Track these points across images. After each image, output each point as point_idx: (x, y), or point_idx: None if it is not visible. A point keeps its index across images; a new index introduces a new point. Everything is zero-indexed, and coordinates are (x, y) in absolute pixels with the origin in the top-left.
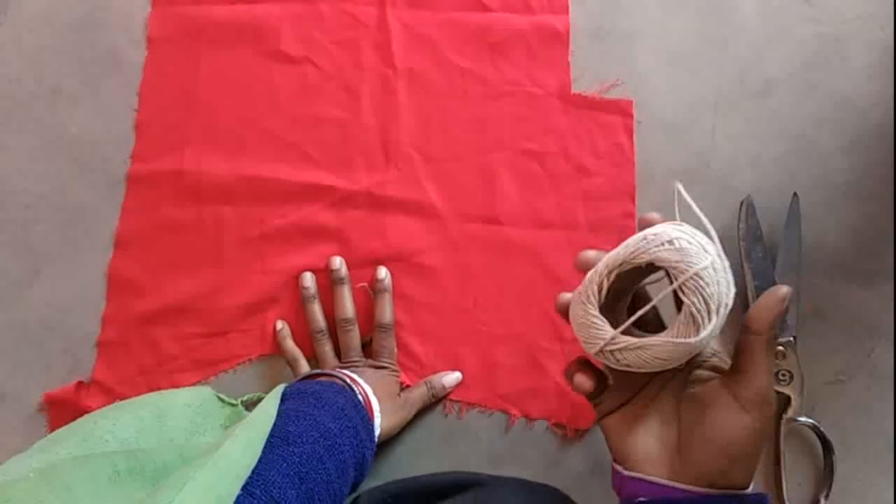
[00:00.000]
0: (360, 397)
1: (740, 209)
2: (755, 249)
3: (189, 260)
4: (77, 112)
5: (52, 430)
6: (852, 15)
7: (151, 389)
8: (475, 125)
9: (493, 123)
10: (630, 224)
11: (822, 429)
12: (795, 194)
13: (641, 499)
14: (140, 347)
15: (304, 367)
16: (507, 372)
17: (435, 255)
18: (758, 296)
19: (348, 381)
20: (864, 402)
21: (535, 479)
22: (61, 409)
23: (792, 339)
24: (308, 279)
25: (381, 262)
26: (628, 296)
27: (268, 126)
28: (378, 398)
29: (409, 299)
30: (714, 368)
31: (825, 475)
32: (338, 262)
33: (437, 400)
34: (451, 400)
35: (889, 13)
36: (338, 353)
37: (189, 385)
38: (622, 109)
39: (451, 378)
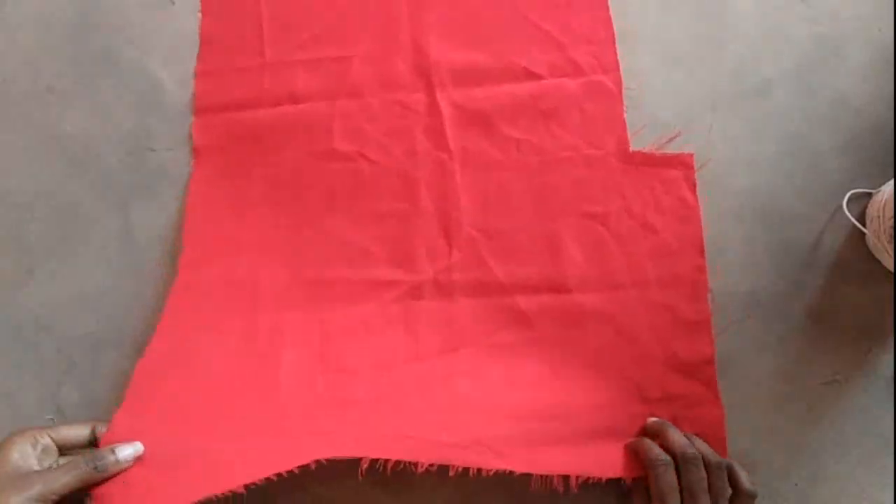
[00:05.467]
0: None
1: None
2: None
3: (239, 371)
4: (71, 111)
5: None
6: (849, 15)
7: None
8: (535, 195)
9: (553, 190)
10: (702, 278)
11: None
12: None
13: None
14: (193, 461)
15: None
16: (599, 441)
17: (507, 333)
18: None
19: None
20: (862, 403)
21: None
22: None
23: None
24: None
25: (454, 350)
26: None
27: (326, 227)
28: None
29: (487, 381)
30: None
31: None
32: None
33: (102, 477)
34: (559, 476)
35: (886, 13)
36: None
37: None
38: (684, 163)
39: (129, 450)
